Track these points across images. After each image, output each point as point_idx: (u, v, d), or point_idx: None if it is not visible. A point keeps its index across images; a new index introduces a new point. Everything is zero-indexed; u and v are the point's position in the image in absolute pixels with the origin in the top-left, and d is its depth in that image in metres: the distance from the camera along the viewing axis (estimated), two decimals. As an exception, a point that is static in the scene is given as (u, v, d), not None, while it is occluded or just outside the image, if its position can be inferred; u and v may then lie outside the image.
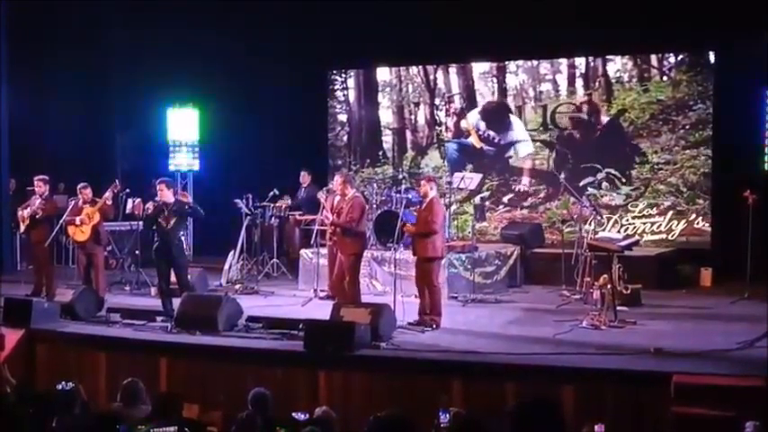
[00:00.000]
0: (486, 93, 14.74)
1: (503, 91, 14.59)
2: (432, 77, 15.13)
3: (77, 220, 10.99)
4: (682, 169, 13.38)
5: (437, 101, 15.05)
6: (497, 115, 14.57)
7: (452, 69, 15.01)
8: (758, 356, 7.88)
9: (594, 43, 13.49)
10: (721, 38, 12.64)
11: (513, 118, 14.50)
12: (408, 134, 15.31)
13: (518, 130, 14.46)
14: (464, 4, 13.55)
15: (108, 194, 11.10)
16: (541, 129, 14.27)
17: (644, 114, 13.58)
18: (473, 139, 14.72)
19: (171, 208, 10.12)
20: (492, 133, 14.61)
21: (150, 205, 10.15)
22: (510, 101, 14.55)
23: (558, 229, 13.73)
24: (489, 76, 14.75)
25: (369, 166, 15.44)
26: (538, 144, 14.30)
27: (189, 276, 10.66)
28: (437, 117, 15.05)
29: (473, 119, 14.75)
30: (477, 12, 13.43)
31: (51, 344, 9.59)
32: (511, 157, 14.47)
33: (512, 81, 14.59)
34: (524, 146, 14.41)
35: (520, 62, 14.46)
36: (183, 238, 10.38)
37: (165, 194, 10.19)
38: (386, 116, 15.45)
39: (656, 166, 13.52)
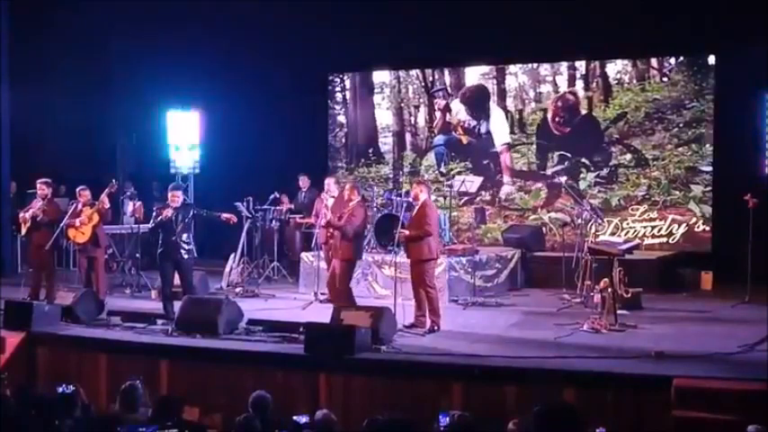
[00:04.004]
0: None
1: (502, 92, 14.61)
2: (430, 80, 15.15)
3: (77, 221, 11.01)
4: (669, 165, 13.41)
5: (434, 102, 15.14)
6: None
7: (452, 71, 15.02)
8: (759, 360, 7.88)
9: (595, 47, 13.50)
10: (722, 41, 12.65)
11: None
12: (408, 136, 15.34)
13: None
14: (464, 7, 13.57)
15: (104, 195, 11.11)
16: (542, 132, 14.29)
17: (639, 112, 13.61)
18: (460, 134, 14.76)
19: (184, 213, 10.13)
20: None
21: (169, 211, 10.11)
22: (510, 102, 14.56)
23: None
24: (489, 77, 14.77)
25: (364, 166, 15.50)
26: (534, 146, 14.36)
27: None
28: (435, 118, 15.09)
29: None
30: (478, 15, 13.46)
31: (52, 347, 9.58)
32: (500, 153, 14.51)
33: (512, 82, 14.61)
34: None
35: (513, 65, 14.51)
36: (190, 241, 10.34)
37: (178, 200, 10.21)
38: (385, 118, 15.48)
39: (642, 161, 13.58)
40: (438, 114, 15.00)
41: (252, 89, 15.01)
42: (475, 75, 14.81)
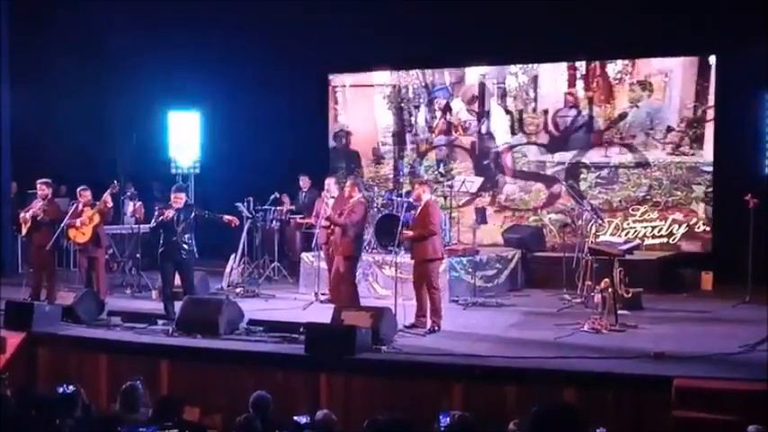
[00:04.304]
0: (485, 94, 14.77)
1: (503, 92, 14.59)
2: (430, 80, 15.13)
3: (78, 221, 11.01)
4: (670, 165, 13.41)
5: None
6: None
7: (452, 71, 15.00)
8: (760, 360, 7.88)
9: (595, 47, 13.49)
10: (722, 41, 12.65)
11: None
12: (408, 136, 15.32)
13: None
14: (464, 7, 13.57)
15: (107, 196, 11.12)
16: (542, 132, 14.29)
17: (639, 112, 13.60)
18: (460, 134, 14.75)
19: (185, 214, 10.14)
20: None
21: (170, 212, 10.11)
22: (510, 102, 14.55)
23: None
24: (490, 77, 14.73)
25: (366, 166, 15.46)
26: (535, 146, 14.36)
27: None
28: (435, 118, 15.08)
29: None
30: (477, 15, 13.46)
31: (52, 347, 9.58)
32: (501, 153, 14.51)
33: (512, 82, 14.57)
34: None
35: (511, 65, 14.50)
36: (191, 241, 10.34)
37: (181, 201, 10.22)
38: (385, 118, 15.44)
39: (643, 162, 13.57)
40: (438, 114, 15.00)
41: (252, 89, 15.00)
42: (475, 75, 14.80)
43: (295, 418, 6.37)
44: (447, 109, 14.91)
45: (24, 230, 11.25)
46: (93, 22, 15.19)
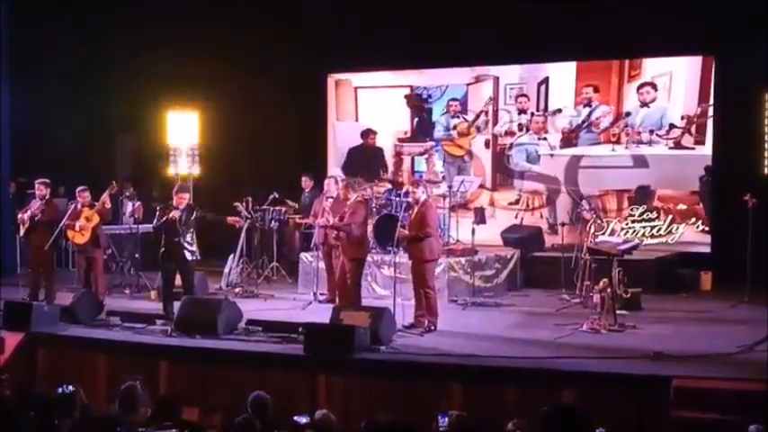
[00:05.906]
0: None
1: (503, 92, 14.54)
2: (445, 80, 14.99)
3: (77, 225, 11.00)
4: (669, 165, 13.37)
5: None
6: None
7: (466, 71, 14.96)
8: (759, 360, 7.89)
9: (596, 47, 13.49)
10: (722, 41, 12.64)
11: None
12: (409, 136, 15.27)
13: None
14: (463, 7, 13.57)
15: (105, 196, 11.11)
16: (552, 131, 14.27)
17: (639, 112, 13.57)
18: (461, 133, 14.74)
19: (188, 214, 10.14)
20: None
21: (176, 213, 10.10)
22: (510, 102, 14.50)
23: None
24: (490, 77, 14.68)
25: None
26: (535, 146, 14.36)
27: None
28: (437, 117, 15.05)
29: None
30: (477, 16, 13.45)
31: (51, 347, 9.59)
32: (501, 152, 14.50)
33: (512, 82, 14.52)
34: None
35: (522, 66, 14.48)
36: (194, 242, 10.33)
37: (184, 202, 10.21)
38: (385, 118, 15.39)
39: (642, 161, 13.54)
40: (441, 113, 14.97)
41: (252, 89, 14.99)
42: (488, 74, 14.68)
43: (294, 418, 6.37)
44: (449, 108, 14.88)
45: (23, 231, 11.25)
46: (93, 22, 15.18)
